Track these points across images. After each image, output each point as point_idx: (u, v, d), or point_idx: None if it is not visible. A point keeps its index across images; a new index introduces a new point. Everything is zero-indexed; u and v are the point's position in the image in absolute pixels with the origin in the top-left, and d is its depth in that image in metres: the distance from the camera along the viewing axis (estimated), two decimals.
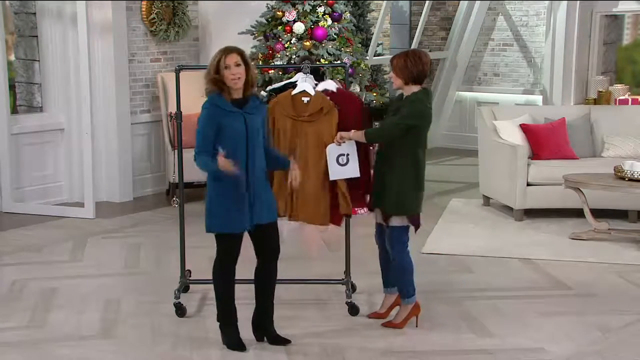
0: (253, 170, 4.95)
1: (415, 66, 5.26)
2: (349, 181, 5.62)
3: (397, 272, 5.43)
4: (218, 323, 5.16)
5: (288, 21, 8.53)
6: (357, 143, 5.55)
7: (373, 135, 5.42)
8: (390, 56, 12.28)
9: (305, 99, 5.63)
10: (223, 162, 4.75)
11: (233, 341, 5.10)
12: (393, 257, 5.42)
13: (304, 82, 5.66)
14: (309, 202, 5.63)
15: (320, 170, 5.61)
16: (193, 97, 9.29)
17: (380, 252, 5.62)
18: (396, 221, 5.37)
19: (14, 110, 9.27)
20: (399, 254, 5.39)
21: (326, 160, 5.57)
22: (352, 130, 5.43)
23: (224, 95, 4.91)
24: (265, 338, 5.19)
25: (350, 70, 8.46)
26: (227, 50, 4.91)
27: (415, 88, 5.34)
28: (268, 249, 5.10)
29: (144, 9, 9.37)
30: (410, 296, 5.45)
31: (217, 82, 4.90)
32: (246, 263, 5.15)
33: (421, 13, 12.28)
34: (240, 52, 4.93)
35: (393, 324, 5.46)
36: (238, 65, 4.87)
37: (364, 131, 5.39)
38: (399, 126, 5.27)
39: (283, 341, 5.16)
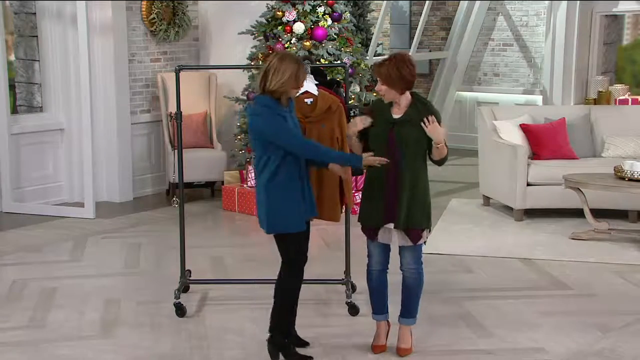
0: (304, 166, 4.87)
1: (411, 74, 4.76)
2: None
3: (418, 289, 5.02)
4: (270, 344, 4.91)
5: (288, 21, 8.53)
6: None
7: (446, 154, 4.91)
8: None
9: (308, 100, 5.63)
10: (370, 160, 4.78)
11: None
12: (416, 275, 4.98)
13: (305, 82, 5.65)
14: (326, 199, 5.66)
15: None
16: (193, 97, 9.33)
17: (380, 276, 5.08)
18: (425, 235, 4.98)
19: (14, 110, 9.27)
20: (422, 271, 5.04)
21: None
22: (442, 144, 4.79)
23: (281, 101, 4.77)
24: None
25: (350, 70, 8.46)
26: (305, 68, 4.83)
27: (408, 93, 4.86)
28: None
29: (144, 9, 9.37)
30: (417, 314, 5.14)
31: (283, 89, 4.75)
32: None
33: (421, 13, 12.28)
34: None
35: (410, 351, 5.07)
36: None
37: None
38: None
39: (301, 344, 5.09)
